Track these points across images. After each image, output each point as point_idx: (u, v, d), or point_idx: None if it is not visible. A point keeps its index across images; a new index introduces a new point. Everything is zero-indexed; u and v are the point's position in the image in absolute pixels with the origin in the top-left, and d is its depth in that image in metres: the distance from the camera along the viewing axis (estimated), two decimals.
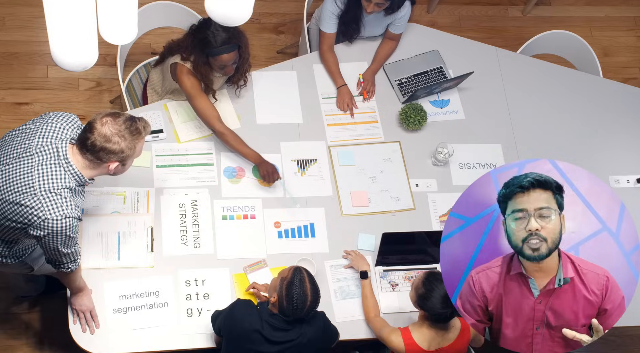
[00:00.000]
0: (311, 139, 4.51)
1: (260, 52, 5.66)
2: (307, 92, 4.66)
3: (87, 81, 5.41)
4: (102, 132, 3.24)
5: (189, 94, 4.19)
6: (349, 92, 4.65)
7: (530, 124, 4.77)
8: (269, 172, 4.20)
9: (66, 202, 3.25)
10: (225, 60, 4.07)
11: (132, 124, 3.29)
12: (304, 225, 4.25)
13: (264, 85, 4.61)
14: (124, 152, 3.28)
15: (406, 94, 4.73)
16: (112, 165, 3.32)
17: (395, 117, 4.65)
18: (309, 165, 4.43)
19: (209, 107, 4.19)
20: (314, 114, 4.60)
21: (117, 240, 4.02)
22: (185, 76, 4.15)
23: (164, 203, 4.17)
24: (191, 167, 4.30)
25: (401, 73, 4.81)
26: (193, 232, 4.12)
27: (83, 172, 3.32)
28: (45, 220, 3.23)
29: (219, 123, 4.21)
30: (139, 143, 3.34)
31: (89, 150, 3.27)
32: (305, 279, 3.52)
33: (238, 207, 4.24)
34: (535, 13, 6.27)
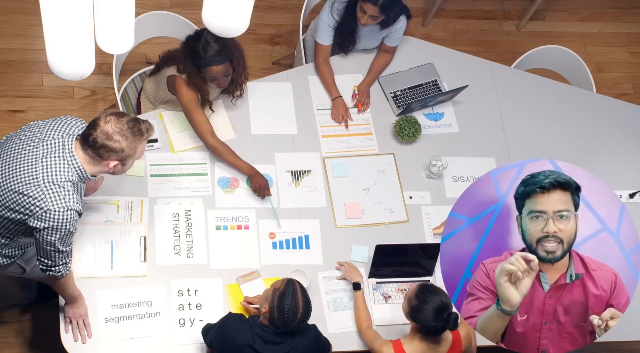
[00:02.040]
0: (306, 150, 4.51)
1: (256, 63, 5.66)
2: (302, 103, 4.66)
3: (82, 90, 5.41)
4: (104, 129, 3.27)
5: (186, 107, 4.20)
6: (344, 103, 4.66)
7: (524, 137, 4.77)
8: (261, 186, 4.22)
9: (69, 195, 3.28)
10: (215, 73, 4.07)
11: (135, 124, 3.32)
12: (298, 237, 4.24)
13: (259, 96, 4.61)
14: (124, 151, 3.31)
15: (401, 106, 4.73)
16: (112, 163, 3.34)
17: (390, 129, 4.66)
18: (303, 176, 4.43)
19: (203, 122, 4.20)
20: (309, 125, 4.60)
21: (110, 249, 4.02)
22: (183, 89, 4.16)
23: (158, 213, 4.16)
24: (185, 176, 4.30)
25: (396, 85, 4.82)
26: (186, 242, 4.12)
27: (85, 168, 3.34)
28: (47, 211, 3.25)
29: (212, 137, 4.22)
30: (141, 144, 3.36)
31: (90, 146, 3.30)
32: (297, 292, 3.52)
33: (232, 217, 4.23)
34: (530, 28, 6.30)
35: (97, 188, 4.04)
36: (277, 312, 3.50)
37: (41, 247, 3.38)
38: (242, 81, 4.34)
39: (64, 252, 3.43)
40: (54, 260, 3.45)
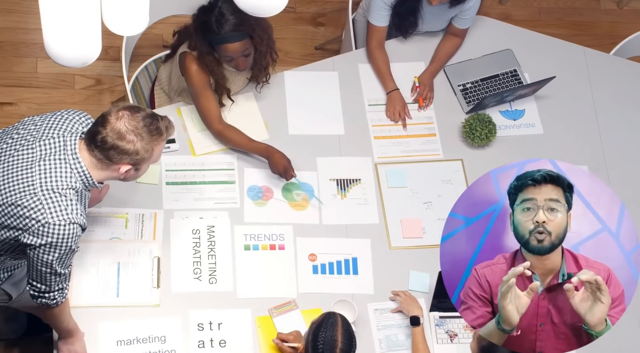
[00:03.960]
0: (354, 155, 4.53)
1: (295, 48, 5.67)
2: (350, 98, 4.67)
3: (85, 78, 5.46)
4: (115, 127, 3.26)
5: (193, 90, 4.23)
6: (402, 98, 4.66)
7: (624, 142, 4.75)
8: (284, 168, 4.21)
9: (71, 205, 3.28)
10: (231, 52, 4.06)
11: (153, 122, 3.32)
12: (344, 259, 4.25)
13: (299, 89, 4.64)
14: (138, 154, 3.31)
15: (471, 102, 4.73)
16: (123, 168, 3.34)
17: (458, 130, 4.67)
18: (351, 186, 4.44)
19: (211, 108, 4.25)
20: (359, 124, 4.62)
21: (116, 272, 4.04)
22: (193, 68, 4.18)
23: (174, 229, 4.18)
24: (208, 185, 4.32)
25: (466, 77, 4.81)
26: (209, 265, 4.14)
27: (91, 172, 3.35)
28: (45, 225, 3.25)
29: (218, 123, 4.26)
30: (158, 146, 3.37)
31: (98, 147, 3.29)
32: (337, 323, 3.52)
33: (264, 234, 4.26)
34: (634, 6, 6.24)
35: (101, 198, 4.07)
36: (312, 346, 3.50)
37: (35, 267, 3.37)
38: (268, 63, 4.34)
39: (61, 275, 3.42)
40: (49, 284, 3.44)
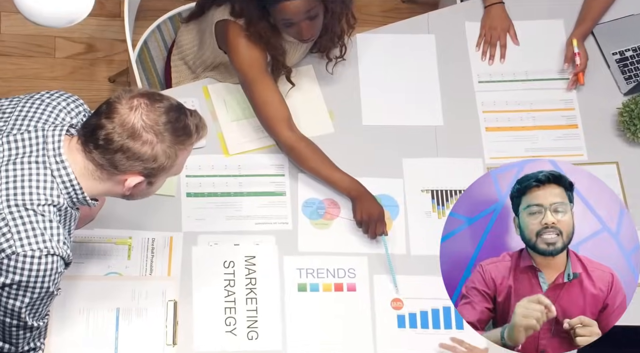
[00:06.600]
0: (457, 155, 4.58)
1: (373, 1, 5.73)
2: (452, 72, 4.73)
3: (71, 43, 5.59)
4: (128, 120, 3.20)
5: (244, 76, 4.30)
6: (507, 17, 4.76)
7: None
8: (371, 217, 4.28)
9: (51, 229, 3.26)
10: (292, 13, 4.09)
11: (180, 117, 3.28)
12: (443, 307, 4.32)
13: (378, 59, 4.70)
14: (156, 161, 3.25)
15: (632, 78, 4.71)
16: (131, 179, 3.30)
17: (611, 118, 4.68)
18: (452, 200, 4.49)
19: (275, 103, 4.28)
20: (464, 110, 4.66)
21: (115, 323, 4.04)
22: (241, 44, 4.25)
23: (198, 260, 4.21)
24: (247, 197, 4.37)
25: (624, 41, 4.86)
26: (247, 312, 4.14)
27: (83, 183, 3.31)
28: (12, 257, 3.22)
29: (288, 130, 4.31)
30: (184, 152, 3.34)
31: (100, 147, 3.23)
32: None
33: (327, 269, 4.29)
34: None
35: (93, 216, 4.10)
36: None
37: None
38: (344, 32, 4.42)
39: (33, 329, 3.45)
40: (16, 342, 3.49)
